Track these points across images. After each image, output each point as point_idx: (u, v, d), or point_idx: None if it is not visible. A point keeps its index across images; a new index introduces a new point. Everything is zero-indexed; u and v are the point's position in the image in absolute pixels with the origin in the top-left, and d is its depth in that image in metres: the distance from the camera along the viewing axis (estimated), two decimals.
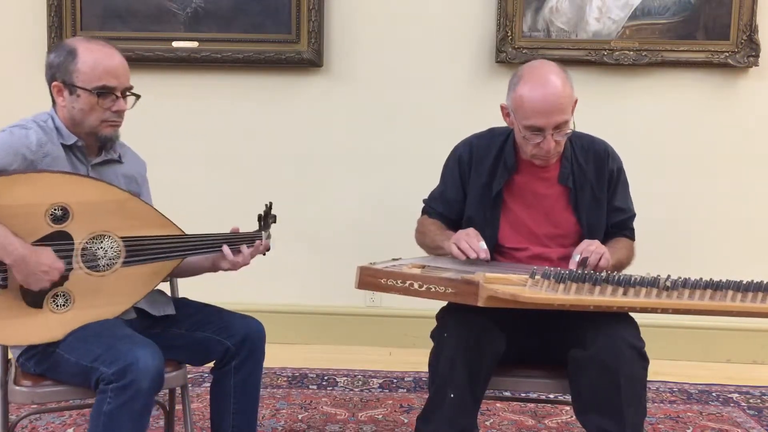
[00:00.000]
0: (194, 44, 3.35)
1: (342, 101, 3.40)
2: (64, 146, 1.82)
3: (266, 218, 2.04)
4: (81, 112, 1.81)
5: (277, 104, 3.43)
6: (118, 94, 1.83)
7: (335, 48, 3.38)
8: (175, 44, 3.35)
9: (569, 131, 1.93)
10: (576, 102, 1.97)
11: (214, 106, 3.44)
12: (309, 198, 3.44)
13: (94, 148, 1.89)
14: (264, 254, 2.01)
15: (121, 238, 1.78)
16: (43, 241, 1.69)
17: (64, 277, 1.71)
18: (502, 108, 2.02)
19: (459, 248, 1.88)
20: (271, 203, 2.05)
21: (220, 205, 3.42)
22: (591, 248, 1.88)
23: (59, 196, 1.71)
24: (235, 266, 1.94)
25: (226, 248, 1.91)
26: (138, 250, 1.80)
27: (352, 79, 3.39)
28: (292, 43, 3.33)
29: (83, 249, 1.74)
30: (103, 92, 1.80)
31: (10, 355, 1.86)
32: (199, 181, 3.46)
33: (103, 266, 1.77)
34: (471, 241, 1.88)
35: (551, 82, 1.89)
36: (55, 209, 1.71)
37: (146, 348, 1.67)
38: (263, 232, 2.00)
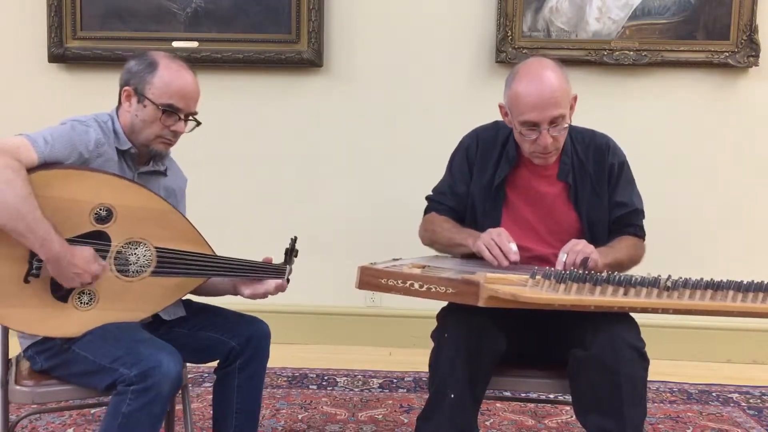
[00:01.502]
0: (194, 44, 3.35)
1: (342, 101, 3.40)
2: (117, 150, 1.85)
3: (291, 254, 2.04)
4: (142, 122, 1.85)
5: (277, 104, 3.43)
6: (182, 116, 1.87)
7: (335, 48, 3.38)
8: (175, 44, 3.35)
9: (566, 126, 1.93)
10: (575, 99, 1.96)
11: (214, 107, 3.43)
12: (309, 198, 3.44)
13: (144, 157, 1.92)
14: (284, 290, 2.01)
15: (156, 248, 1.80)
16: (83, 238, 1.71)
17: (93, 277, 1.72)
18: (500, 107, 2.02)
19: (491, 253, 1.86)
20: (295, 238, 2.05)
21: (220, 205, 3.42)
22: (577, 248, 1.85)
23: (107, 197, 1.74)
24: (254, 296, 1.95)
25: (270, 282, 1.94)
26: (168, 262, 1.81)
27: (352, 79, 3.39)
28: (292, 43, 3.33)
29: (118, 252, 1.76)
30: (169, 111, 1.84)
31: (10, 355, 1.86)
32: (198, 182, 3.42)
33: (133, 272, 1.78)
34: (502, 245, 1.85)
35: (545, 77, 1.89)
36: (100, 209, 1.73)
37: (168, 353, 1.68)
38: (288, 267, 2.01)
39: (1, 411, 1.82)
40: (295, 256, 2.06)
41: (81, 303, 1.73)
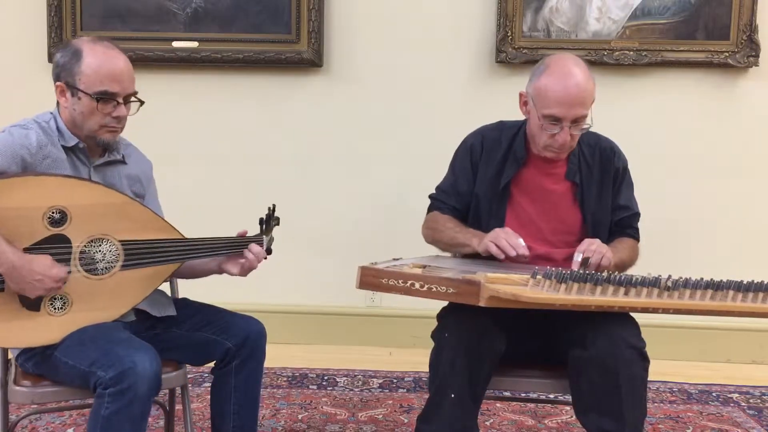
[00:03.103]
0: (194, 44, 3.35)
1: (342, 101, 3.40)
2: (65, 148, 1.81)
3: (269, 221, 2.01)
4: (81, 115, 1.79)
5: (277, 104, 3.42)
6: (120, 100, 1.80)
7: (335, 48, 3.38)
8: (175, 44, 3.35)
9: (586, 126, 1.95)
10: (593, 101, 1.97)
11: (214, 106, 3.44)
12: (309, 198, 3.44)
13: (96, 149, 1.87)
14: (266, 258, 2.00)
15: (120, 241, 1.77)
16: (41, 244, 1.68)
17: (57, 281, 1.69)
18: (521, 96, 2.03)
19: (498, 246, 1.86)
20: (274, 206, 2.03)
21: (220, 205, 3.42)
22: (592, 248, 1.88)
23: (57, 199, 1.70)
24: (243, 271, 1.92)
25: (255, 247, 1.90)
26: (137, 254, 1.79)
27: (352, 79, 3.39)
28: (292, 43, 3.33)
29: (81, 252, 1.73)
30: (104, 98, 1.78)
31: (10, 355, 1.86)
32: (198, 182, 3.46)
33: (102, 270, 1.75)
34: (510, 239, 1.87)
35: (576, 75, 1.91)
36: (53, 212, 1.70)
37: (144, 352, 1.66)
38: (265, 237, 1.98)
39: (1, 411, 1.82)
40: (276, 224, 2.02)
41: (54, 309, 1.71)
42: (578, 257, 1.88)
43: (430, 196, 2.18)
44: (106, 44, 1.83)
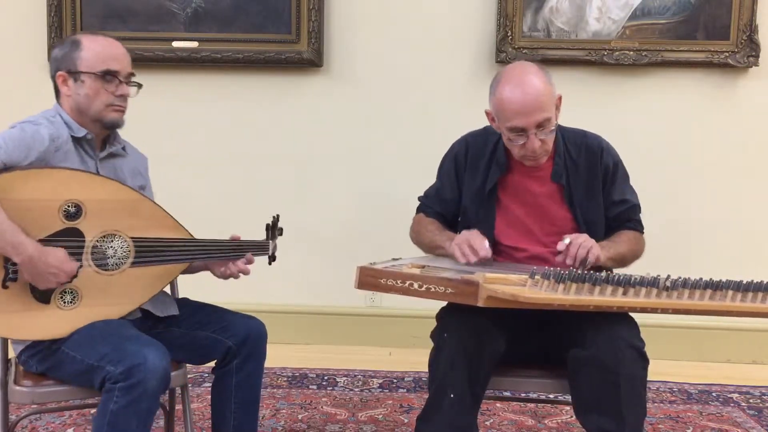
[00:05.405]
0: (194, 44, 3.35)
1: (342, 101, 3.40)
2: (74, 139, 1.83)
3: (273, 229, 2.05)
4: (86, 98, 1.83)
5: (277, 104, 3.43)
6: (122, 79, 1.86)
7: (335, 48, 3.38)
8: (175, 44, 3.35)
9: (553, 128, 1.92)
10: (560, 99, 1.95)
11: (214, 107, 3.44)
12: (309, 198, 3.45)
13: (100, 141, 1.90)
14: (270, 264, 2.01)
15: (132, 238, 1.79)
16: (55, 236, 1.69)
17: (69, 276, 1.71)
18: (487, 114, 2.01)
19: (461, 251, 1.87)
20: (278, 215, 2.06)
21: (220, 205, 3.43)
22: (578, 240, 1.85)
23: (73, 192, 1.72)
24: (223, 277, 1.96)
25: (244, 264, 1.94)
26: (147, 252, 1.80)
27: (352, 79, 3.39)
28: (292, 43, 3.33)
29: (94, 247, 1.74)
30: (108, 75, 1.83)
31: (10, 355, 1.86)
32: (199, 181, 3.46)
33: (112, 265, 1.77)
34: (474, 243, 1.87)
35: (529, 81, 1.88)
36: (68, 206, 1.71)
37: (154, 348, 1.67)
38: (271, 242, 2.00)
39: (1, 411, 1.82)
40: (280, 234, 2.06)
41: (64, 303, 1.72)
42: (567, 239, 1.86)
43: (419, 198, 2.20)
44: (101, 34, 1.91)
